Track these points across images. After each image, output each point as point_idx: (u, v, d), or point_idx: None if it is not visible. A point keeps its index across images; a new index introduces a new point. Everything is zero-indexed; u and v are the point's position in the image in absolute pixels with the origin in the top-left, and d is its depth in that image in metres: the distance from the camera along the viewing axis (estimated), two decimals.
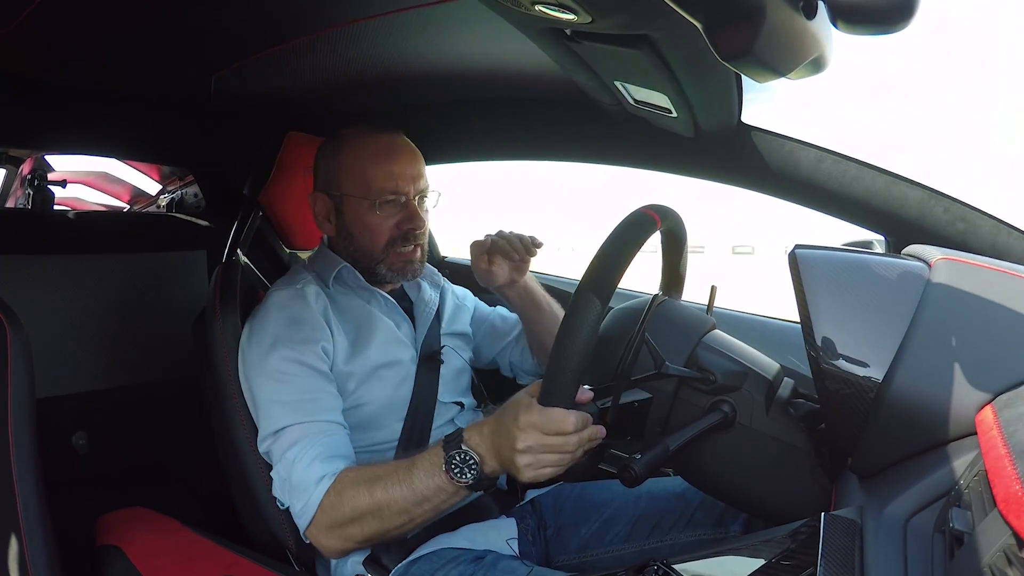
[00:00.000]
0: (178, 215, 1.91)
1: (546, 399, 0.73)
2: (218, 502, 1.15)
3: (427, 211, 1.12)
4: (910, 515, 0.53)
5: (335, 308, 1.05)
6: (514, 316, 1.28)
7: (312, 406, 0.94)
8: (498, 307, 1.32)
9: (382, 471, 0.86)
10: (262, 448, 0.95)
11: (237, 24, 1.04)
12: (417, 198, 1.08)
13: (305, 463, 0.89)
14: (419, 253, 1.11)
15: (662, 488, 1.06)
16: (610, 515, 1.05)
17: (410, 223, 1.07)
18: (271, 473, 0.93)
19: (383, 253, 1.08)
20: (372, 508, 0.84)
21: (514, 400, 0.77)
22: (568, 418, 0.72)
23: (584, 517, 1.06)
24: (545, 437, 0.73)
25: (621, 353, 0.80)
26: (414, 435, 1.04)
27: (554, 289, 1.58)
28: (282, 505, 0.93)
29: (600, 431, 0.76)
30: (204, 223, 1.71)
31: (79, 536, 1.02)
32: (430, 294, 1.19)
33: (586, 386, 0.77)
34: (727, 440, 0.80)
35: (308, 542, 0.91)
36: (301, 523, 0.89)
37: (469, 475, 0.79)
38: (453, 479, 0.80)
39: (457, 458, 0.80)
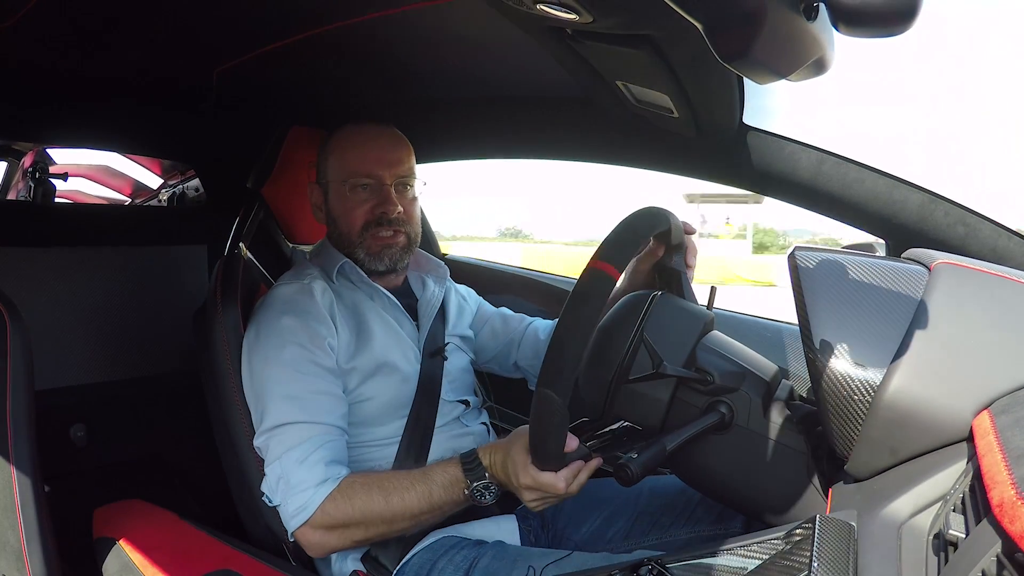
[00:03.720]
0: (179, 208, 1.90)
1: (538, 462, 0.81)
2: (216, 496, 1.15)
3: (413, 199, 1.13)
4: (905, 519, 0.53)
5: (340, 303, 1.06)
6: (517, 317, 1.28)
7: (320, 407, 0.94)
8: (502, 308, 1.32)
9: (394, 478, 0.90)
10: (258, 442, 0.94)
11: (239, 20, 1.05)
12: (397, 184, 1.09)
13: (308, 465, 0.89)
14: (402, 239, 1.11)
15: (663, 484, 1.06)
16: (610, 513, 1.05)
17: (382, 207, 1.08)
18: (265, 468, 0.92)
19: (360, 237, 1.09)
20: (385, 511, 0.88)
21: (513, 450, 0.85)
22: (559, 483, 0.81)
23: (584, 516, 1.07)
24: (543, 495, 0.84)
25: (621, 350, 0.80)
26: (417, 432, 1.04)
27: (554, 287, 1.59)
28: (270, 502, 0.91)
29: (591, 467, 0.84)
30: (205, 217, 1.71)
31: (76, 528, 1.02)
32: (433, 290, 1.19)
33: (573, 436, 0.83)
34: (724, 441, 0.80)
35: (293, 541, 0.91)
36: (293, 522, 0.88)
37: (490, 497, 0.89)
38: (477, 502, 0.89)
39: (480, 486, 0.88)
